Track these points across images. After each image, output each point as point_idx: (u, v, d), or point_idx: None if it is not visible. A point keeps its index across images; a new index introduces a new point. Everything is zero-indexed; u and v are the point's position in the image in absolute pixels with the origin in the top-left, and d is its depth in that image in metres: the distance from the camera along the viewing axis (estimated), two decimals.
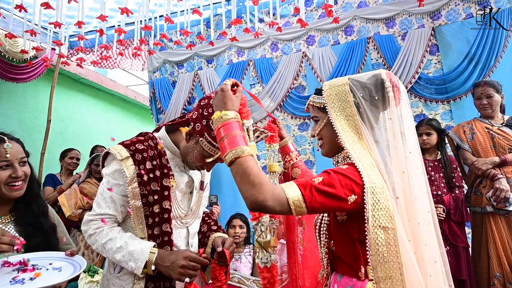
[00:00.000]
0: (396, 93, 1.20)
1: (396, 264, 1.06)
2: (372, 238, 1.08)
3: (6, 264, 1.34)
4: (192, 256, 1.40)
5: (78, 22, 3.50)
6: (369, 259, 1.09)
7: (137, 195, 1.46)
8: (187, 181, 1.62)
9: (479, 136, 2.81)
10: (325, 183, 1.07)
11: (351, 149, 1.14)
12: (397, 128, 1.18)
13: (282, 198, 1.03)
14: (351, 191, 1.08)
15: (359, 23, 4.16)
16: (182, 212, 1.57)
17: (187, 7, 3.76)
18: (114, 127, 7.21)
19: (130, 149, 1.49)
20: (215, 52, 4.85)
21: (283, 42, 4.54)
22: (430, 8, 3.81)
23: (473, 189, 2.84)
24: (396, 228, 1.08)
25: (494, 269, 2.61)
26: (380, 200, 1.08)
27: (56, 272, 1.36)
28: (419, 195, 1.16)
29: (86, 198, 3.69)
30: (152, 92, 5.27)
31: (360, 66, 4.08)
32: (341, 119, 1.19)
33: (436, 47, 3.85)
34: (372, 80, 1.22)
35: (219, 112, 1.15)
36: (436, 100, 3.81)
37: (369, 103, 1.20)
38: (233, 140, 1.09)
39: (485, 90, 2.81)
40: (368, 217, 1.08)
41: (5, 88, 5.09)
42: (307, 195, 1.04)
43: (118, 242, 1.42)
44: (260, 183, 1.02)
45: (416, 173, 1.18)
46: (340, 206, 1.08)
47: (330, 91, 1.24)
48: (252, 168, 1.05)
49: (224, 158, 1.10)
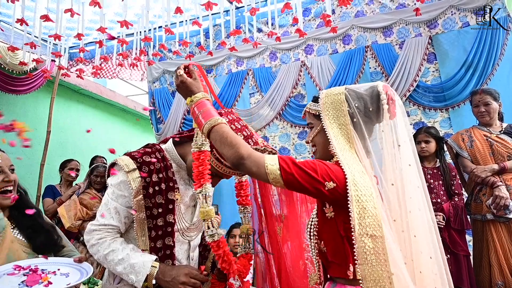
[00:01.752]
0: (391, 106, 1.20)
1: (386, 273, 1.06)
2: (359, 247, 1.08)
3: (17, 268, 1.37)
4: (193, 273, 1.39)
5: (78, 34, 3.53)
6: (357, 267, 1.09)
7: (142, 207, 1.45)
8: (191, 194, 1.62)
9: (478, 143, 2.81)
10: (305, 163, 1.12)
11: (341, 156, 1.16)
12: (389, 140, 1.19)
13: (261, 161, 1.11)
14: (329, 178, 1.10)
15: (357, 32, 4.20)
16: (185, 225, 1.56)
17: (186, 18, 3.79)
18: (114, 137, 7.22)
19: (137, 161, 1.48)
20: (214, 62, 4.88)
21: (282, 52, 4.57)
22: (426, 17, 3.85)
23: (473, 197, 2.84)
24: (385, 236, 1.07)
25: (495, 277, 2.59)
26: (367, 208, 1.08)
27: (63, 277, 1.38)
28: (415, 208, 1.16)
29: (85, 209, 3.68)
30: (151, 102, 5.29)
31: (359, 75, 4.10)
32: (334, 127, 1.21)
33: (433, 55, 3.88)
34: (368, 92, 1.23)
35: (189, 98, 1.29)
36: (435, 108, 3.83)
37: (364, 114, 1.22)
38: (207, 113, 1.22)
39: (482, 98, 2.83)
40: (355, 225, 1.08)
41: (5, 99, 5.10)
42: (284, 164, 1.10)
43: (120, 254, 1.41)
44: (238, 143, 1.14)
45: (413, 186, 1.18)
46: (317, 188, 1.10)
47: (326, 99, 1.26)
48: (228, 132, 1.17)
49: (202, 131, 1.21)
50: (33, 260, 1.46)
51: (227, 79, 4.81)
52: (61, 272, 1.42)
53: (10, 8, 3.72)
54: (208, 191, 1.36)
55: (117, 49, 4.44)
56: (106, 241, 1.44)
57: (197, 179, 1.36)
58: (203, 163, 1.37)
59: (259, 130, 4.58)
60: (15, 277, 1.33)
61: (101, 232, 1.45)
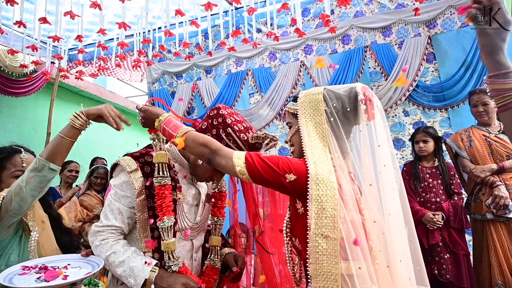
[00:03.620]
0: (369, 107, 1.19)
1: (335, 275, 1.06)
2: (312, 246, 1.08)
3: (25, 268, 1.40)
4: (190, 284, 1.38)
5: (77, 36, 3.53)
6: (308, 266, 1.09)
7: (144, 207, 1.46)
8: (194, 193, 1.62)
9: (477, 143, 2.81)
10: (270, 157, 1.18)
11: (309, 153, 1.16)
12: (367, 141, 1.18)
13: (229, 155, 1.20)
14: (290, 170, 1.14)
15: (356, 32, 4.20)
16: (188, 224, 1.56)
17: (185, 19, 3.80)
18: (114, 138, 7.22)
19: (139, 161, 1.49)
20: (213, 63, 4.89)
21: (281, 52, 4.58)
22: (426, 17, 3.85)
23: (472, 197, 2.84)
24: (339, 238, 1.07)
25: (496, 277, 2.58)
26: (326, 208, 1.08)
27: (77, 270, 1.43)
28: (392, 210, 1.14)
29: (86, 210, 3.68)
30: (151, 103, 5.29)
31: (358, 75, 4.10)
32: (309, 125, 1.22)
33: (432, 55, 3.88)
34: (347, 92, 1.23)
35: (157, 120, 1.39)
36: (434, 107, 3.83)
37: (342, 114, 1.22)
38: (176, 126, 1.33)
39: (480, 98, 2.83)
40: (311, 224, 1.08)
41: (5, 102, 5.11)
42: (249, 157, 1.17)
43: (121, 256, 1.41)
44: (209, 141, 1.25)
45: (389, 187, 1.16)
46: (278, 180, 1.14)
47: (304, 98, 1.27)
48: (198, 134, 1.29)
49: (174, 141, 1.29)
50: (39, 260, 1.50)
51: (226, 80, 4.81)
52: (72, 266, 1.46)
53: (10, 11, 3.73)
54: (170, 224, 1.43)
55: (116, 50, 4.44)
56: (108, 242, 1.44)
57: (160, 211, 1.43)
58: (165, 196, 1.44)
59: (259, 130, 4.57)
60: (28, 276, 1.35)
61: (104, 233, 1.46)
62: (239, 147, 1.43)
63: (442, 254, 2.81)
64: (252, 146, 1.44)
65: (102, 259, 1.45)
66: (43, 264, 1.45)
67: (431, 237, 2.84)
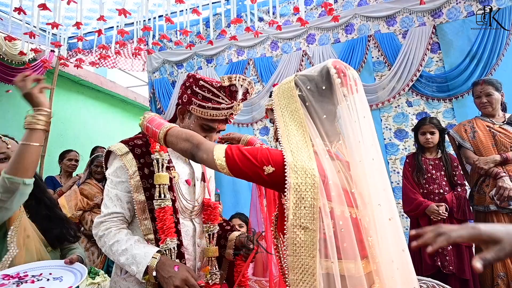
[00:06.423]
0: (344, 79, 1.12)
1: (312, 269, 1.02)
2: (290, 238, 1.04)
3: (6, 277, 1.33)
4: (190, 282, 1.34)
5: (76, 23, 3.48)
6: (285, 259, 1.05)
7: (139, 188, 1.47)
8: (189, 172, 1.63)
9: (481, 134, 2.78)
10: (250, 149, 1.15)
11: (285, 141, 1.12)
12: (348, 117, 1.11)
13: (210, 148, 1.17)
14: (268, 162, 1.09)
15: (360, 21, 4.13)
16: (188, 204, 1.58)
17: (186, 7, 3.74)
18: (114, 128, 7.20)
19: (129, 144, 1.52)
20: (214, 52, 4.83)
21: (283, 41, 4.52)
22: (431, 6, 3.79)
23: (476, 188, 2.82)
24: (317, 230, 1.02)
25: (497, 269, 2.58)
26: (305, 198, 1.03)
27: (57, 282, 1.36)
28: (373, 186, 1.08)
29: (86, 199, 3.67)
30: (152, 92, 5.25)
31: (361, 64, 4.06)
32: (285, 115, 1.17)
33: (437, 45, 3.83)
34: (318, 71, 1.17)
35: (142, 118, 1.42)
36: (438, 98, 3.79)
37: (318, 95, 1.16)
38: (159, 124, 1.34)
39: (484, 89, 2.79)
40: (288, 215, 1.04)
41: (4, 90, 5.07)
42: (229, 151, 1.14)
43: (124, 244, 1.40)
44: (192, 135, 1.24)
45: (368, 162, 1.09)
46: (256, 173, 1.10)
47: (277, 90, 1.23)
48: (181, 130, 1.29)
49: (158, 139, 1.31)
50: (23, 266, 1.43)
51: (227, 69, 4.76)
52: (54, 276, 1.39)
53: None
54: (173, 246, 1.44)
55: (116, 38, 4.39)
56: (111, 231, 1.44)
57: (162, 234, 1.44)
58: (165, 219, 1.45)
59: (259, 121, 4.55)
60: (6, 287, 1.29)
61: (106, 223, 1.46)
62: (216, 95, 1.44)
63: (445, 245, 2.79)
64: (229, 92, 1.45)
65: (106, 249, 1.44)
66: (25, 272, 1.39)
67: None
